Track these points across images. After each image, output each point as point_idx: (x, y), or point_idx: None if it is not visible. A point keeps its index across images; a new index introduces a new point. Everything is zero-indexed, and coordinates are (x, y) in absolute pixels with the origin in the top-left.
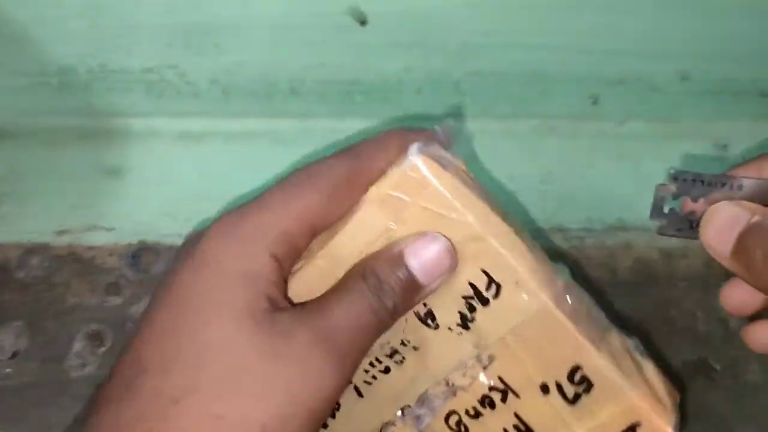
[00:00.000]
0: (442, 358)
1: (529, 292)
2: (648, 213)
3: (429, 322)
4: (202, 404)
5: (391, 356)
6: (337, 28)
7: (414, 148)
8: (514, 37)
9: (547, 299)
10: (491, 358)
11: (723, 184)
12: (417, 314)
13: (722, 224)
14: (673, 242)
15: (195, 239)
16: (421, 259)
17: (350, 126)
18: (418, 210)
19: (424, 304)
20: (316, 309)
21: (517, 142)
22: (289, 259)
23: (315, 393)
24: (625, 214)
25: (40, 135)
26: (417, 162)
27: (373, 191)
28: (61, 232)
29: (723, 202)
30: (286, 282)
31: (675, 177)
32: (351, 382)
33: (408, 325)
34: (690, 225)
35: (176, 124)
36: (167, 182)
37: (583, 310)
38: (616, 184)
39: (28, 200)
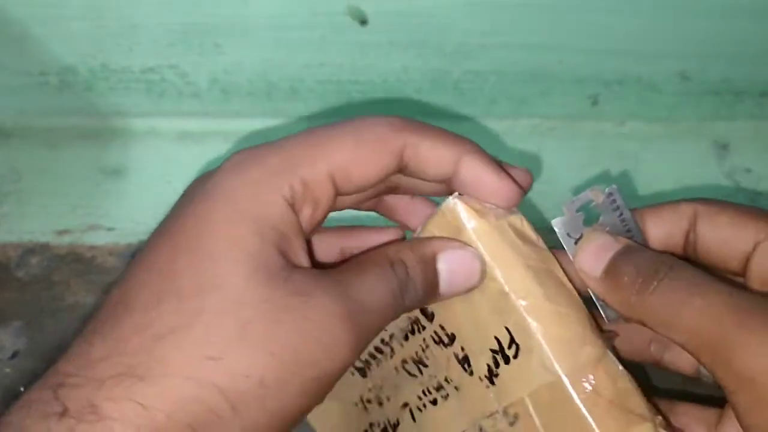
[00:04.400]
0: (475, 403)
1: (543, 363)
2: None
3: (466, 366)
4: (193, 344)
5: (437, 390)
6: (337, 28)
7: (455, 193)
8: (513, 37)
9: (562, 374)
10: (516, 417)
11: (628, 230)
12: (456, 356)
13: (596, 248)
14: None
15: (206, 177)
16: (452, 269)
17: None
18: None
19: (462, 348)
20: (338, 279)
21: (517, 142)
22: (307, 210)
23: (326, 362)
24: None
25: (41, 135)
26: (455, 206)
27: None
28: (61, 232)
29: (597, 232)
30: (302, 235)
31: (609, 193)
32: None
33: (450, 365)
34: (575, 242)
35: (176, 124)
36: (167, 182)
37: (609, 393)
38: (615, 184)
39: (28, 200)
